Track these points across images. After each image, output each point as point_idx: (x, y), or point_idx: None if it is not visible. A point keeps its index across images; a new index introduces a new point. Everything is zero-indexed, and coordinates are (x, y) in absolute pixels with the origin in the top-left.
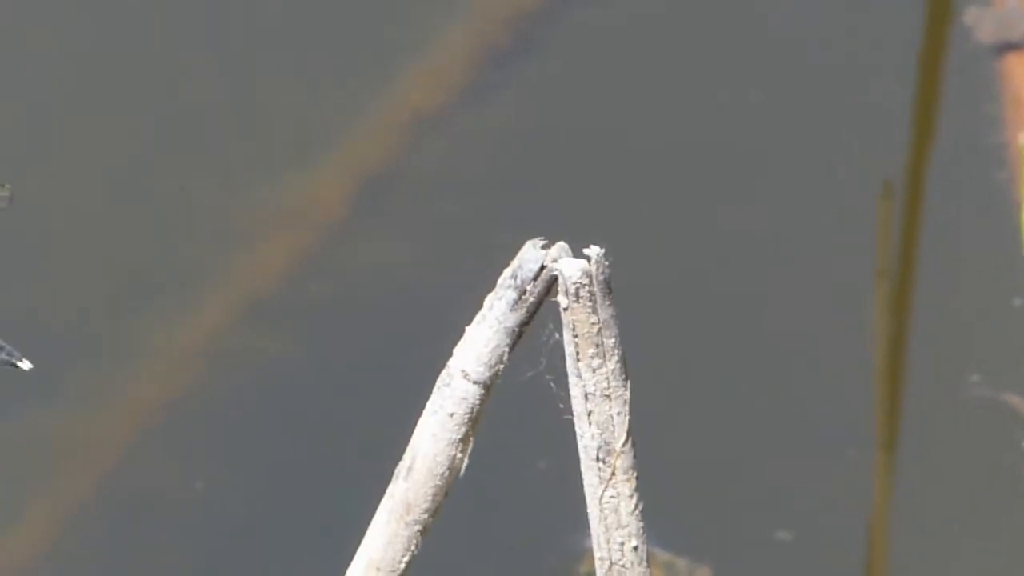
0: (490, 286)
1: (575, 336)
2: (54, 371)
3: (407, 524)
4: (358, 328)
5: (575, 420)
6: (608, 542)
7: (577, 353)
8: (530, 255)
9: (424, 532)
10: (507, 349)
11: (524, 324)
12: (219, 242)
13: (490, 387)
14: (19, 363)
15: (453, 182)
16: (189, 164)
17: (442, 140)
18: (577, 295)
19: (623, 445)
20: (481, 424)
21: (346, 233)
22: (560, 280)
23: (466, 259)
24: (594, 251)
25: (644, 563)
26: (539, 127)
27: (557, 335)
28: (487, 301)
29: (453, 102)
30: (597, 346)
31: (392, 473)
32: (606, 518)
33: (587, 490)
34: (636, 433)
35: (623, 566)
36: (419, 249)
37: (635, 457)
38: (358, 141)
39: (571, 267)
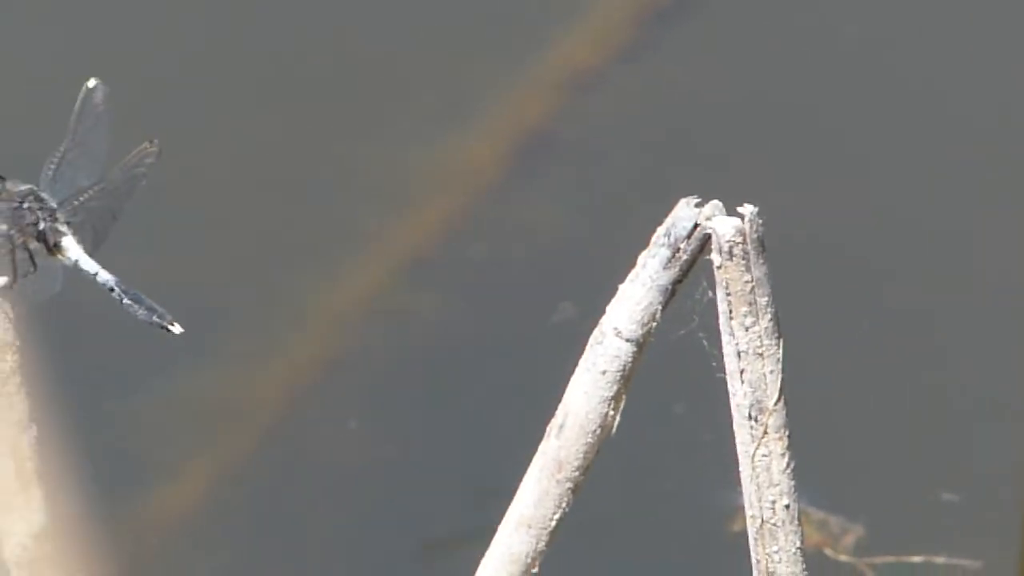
0: (644, 244)
1: (728, 294)
2: (214, 332)
3: (558, 482)
4: (513, 286)
5: (727, 378)
6: (760, 500)
7: (730, 311)
8: (684, 213)
9: (575, 490)
10: (660, 307)
11: (677, 282)
12: (376, 203)
13: (643, 345)
14: (171, 327)
15: (609, 141)
16: (346, 126)
17: (600, 100)
18: (731, 253)
19: (775, 403)
20: (633, 382)
21: (502, 193)
22: (713, 238)
23: (621, 217)
24: (748, 209)
25: (795, 521)
26: (697, 87)
27: (710, 293)
28: (640, 259)
29: (612, 62)
30: (750, 304)
31: (544, 431)
32: (758, 476)
33: (739, 448)
34: (789, 391)
35: (774, 524)
36: (574, 208)
37: (787, 415)
38: (515, 102)
39: (725, 225)
